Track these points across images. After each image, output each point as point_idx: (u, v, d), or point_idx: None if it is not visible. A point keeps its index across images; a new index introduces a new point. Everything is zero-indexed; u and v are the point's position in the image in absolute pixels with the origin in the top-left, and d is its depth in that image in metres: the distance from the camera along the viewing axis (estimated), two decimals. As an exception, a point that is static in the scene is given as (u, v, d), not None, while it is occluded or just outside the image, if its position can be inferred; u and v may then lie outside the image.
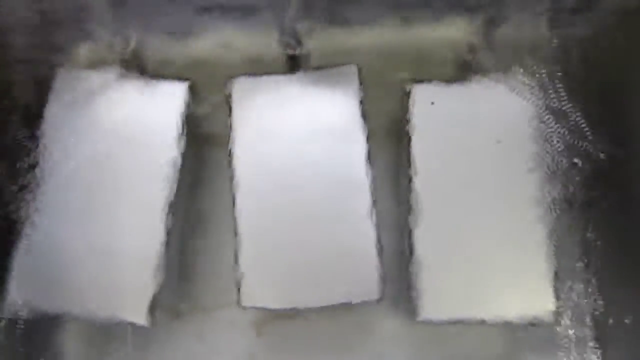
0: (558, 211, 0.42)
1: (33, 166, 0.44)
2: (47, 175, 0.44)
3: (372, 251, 0.41)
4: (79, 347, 0.48)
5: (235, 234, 0.42)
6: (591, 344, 0.46)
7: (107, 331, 0.47)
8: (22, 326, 0.43)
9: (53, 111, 0.45)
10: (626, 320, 0.44)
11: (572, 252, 0.48)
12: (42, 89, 0.45)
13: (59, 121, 0.45)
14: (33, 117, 0.44)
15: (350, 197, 0.42)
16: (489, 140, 0.42)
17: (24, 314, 0.42)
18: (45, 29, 0.47)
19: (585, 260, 0.48)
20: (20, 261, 0.42)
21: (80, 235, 0.42)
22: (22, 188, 0.44)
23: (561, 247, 0.41)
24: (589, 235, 0.48)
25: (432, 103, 0.42)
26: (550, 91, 0.45)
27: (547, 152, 0.42)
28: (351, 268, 0.41)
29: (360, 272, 0.41)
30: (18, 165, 0.44)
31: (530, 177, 0.42)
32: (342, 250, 0.41)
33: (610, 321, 0.45)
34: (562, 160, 0.43)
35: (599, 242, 0.47)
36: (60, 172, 0.44)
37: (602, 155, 0.43)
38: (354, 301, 0.41)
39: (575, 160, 0.44)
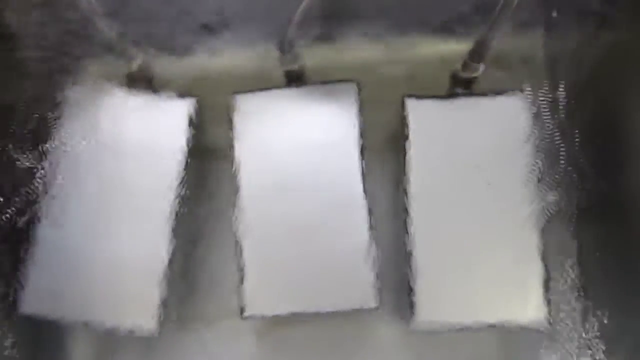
0: (550, 219, 0.43)
1: (42, 179, 0.45)
2: (56, 188, 0.45)
3: (369, 261, 0.42)
4: (85, 356, 0.49)
5: (237, 244, 0.43)
6: (585, 349, 0.47)
7: (113, 340, 0.47)
8: (31, 335, 0.44)
9: (61, 127, 0.46)
10: (619, 325, 0.45)
11: (564, 258, 0.48)
12: (50, 106, 0.46)
13: (67, 136, 0.46)
14: (41, 133, 0.45)
15: (348, 208, 0.43)
16: (482, 153, 0.43)
17: (32, 322, 0.42)
18: (53, 47, 0.48)
19: (577, 266, 0.48)
20: (30, 270, 0.43)
21: (88, 245, 0.43)
22: (32, 199, 0.44)
23: (553, 253, 0.42)
24: (581, 240, 0.48)
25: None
26: (544, 105, 0.46)
27: (540, 164, 0.43)
28: (349, 277, 0.42)
29: (358, 281, 0.42)
30: (27, 178, 0.45)
31: (523, 187, 0.43)
32: (341, 260, 0.42)
33: (604, 326, 0.46)
34: (554, 172, 0.44)
35: (591, 247, 0.47)
36: (68, 184, 0.45)
37: (595, 167, 0.44)
38: (352, 308, 0.42)
39: (568, 172, 0.45)
